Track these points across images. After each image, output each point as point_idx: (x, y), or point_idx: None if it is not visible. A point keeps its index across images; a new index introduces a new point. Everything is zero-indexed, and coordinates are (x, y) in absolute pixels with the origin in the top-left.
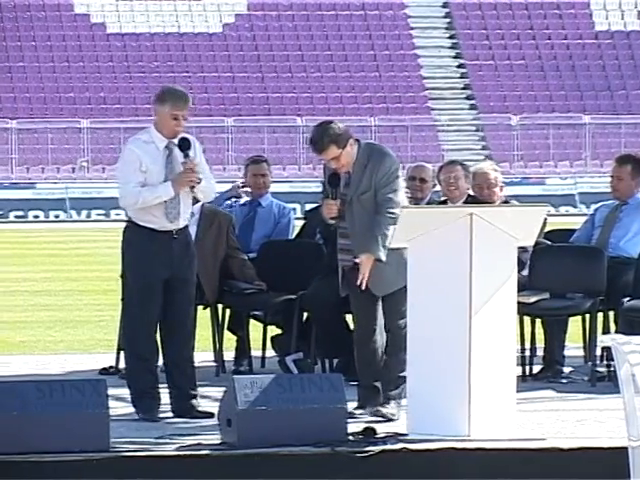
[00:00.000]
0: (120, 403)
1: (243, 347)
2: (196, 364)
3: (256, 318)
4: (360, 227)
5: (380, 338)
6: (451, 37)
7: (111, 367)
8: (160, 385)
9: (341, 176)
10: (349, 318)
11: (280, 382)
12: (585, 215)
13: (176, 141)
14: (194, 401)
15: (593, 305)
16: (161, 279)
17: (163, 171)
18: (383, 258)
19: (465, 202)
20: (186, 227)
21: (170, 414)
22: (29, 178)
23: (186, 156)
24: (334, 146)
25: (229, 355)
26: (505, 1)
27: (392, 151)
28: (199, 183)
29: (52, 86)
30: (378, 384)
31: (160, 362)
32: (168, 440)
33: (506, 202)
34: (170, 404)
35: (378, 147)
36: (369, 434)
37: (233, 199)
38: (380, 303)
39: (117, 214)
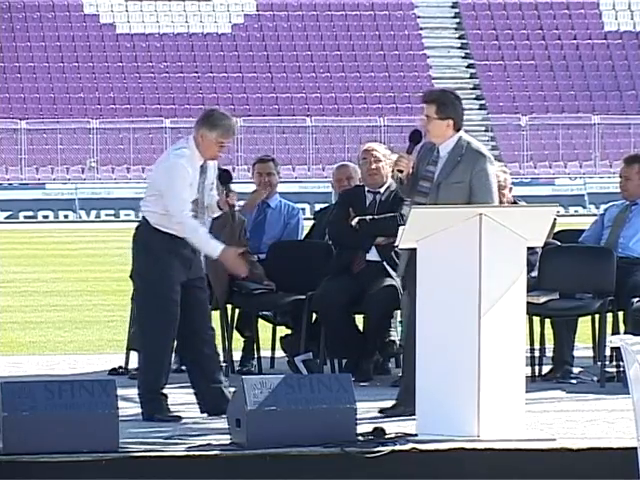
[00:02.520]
0: (129, 403)
1: (250, 347)
2: None
3: (265, 318)
4: None
5: None
6: (460, 37)
7: (120, 367)
8: (170, 385)
9: (425, 143)
10: (358, 318)
11: (289, 382)
12: (594, 215)
13: (211, 164)
14: (227, 393)
15: (602, 305)
16: (181, 280)
17: (196, 192)
18: None
19: None
20: None
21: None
22: (38, 178)
23: (228, 190)
24: (434, 107)
25: (238, 355)
26: (514, 1)
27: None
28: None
29: (61, 86)
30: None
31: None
32: (177, 440)
33: (515, 203)
34: (200, 404)
35: (476, 145)
36: (378, 434)
37: None
38: None
39: (126, 214)
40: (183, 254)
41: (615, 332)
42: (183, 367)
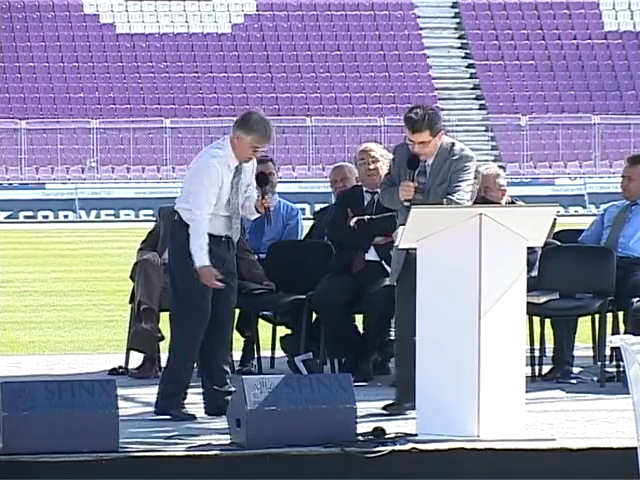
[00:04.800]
0: (130, 403)
1: (250, 347)
2: None
3: (265, 318)
4: None
5: None
6: (460, 37)
7: (120, 367)
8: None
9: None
10: (358, 318)
11: (289, 382)
12: (594, 215)
13: (249, 166)
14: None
15: (602, 305)
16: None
17: (229, 192)
18: None
19: (474, 202)
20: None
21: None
22: (38, 178)
23: (265, 193)
24: (428, 131)
25: (238, 355)
26: (514, 1)
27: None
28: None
29: (61, 86)
30: None
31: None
32: (178, 440)
33: (512, 203)
34: (205, 404)
35: (460, 146)
36: (378, 434)
37: None
38: None
39: (126, 214)
40: (217, 252)
41: (615, 332)
42: None
